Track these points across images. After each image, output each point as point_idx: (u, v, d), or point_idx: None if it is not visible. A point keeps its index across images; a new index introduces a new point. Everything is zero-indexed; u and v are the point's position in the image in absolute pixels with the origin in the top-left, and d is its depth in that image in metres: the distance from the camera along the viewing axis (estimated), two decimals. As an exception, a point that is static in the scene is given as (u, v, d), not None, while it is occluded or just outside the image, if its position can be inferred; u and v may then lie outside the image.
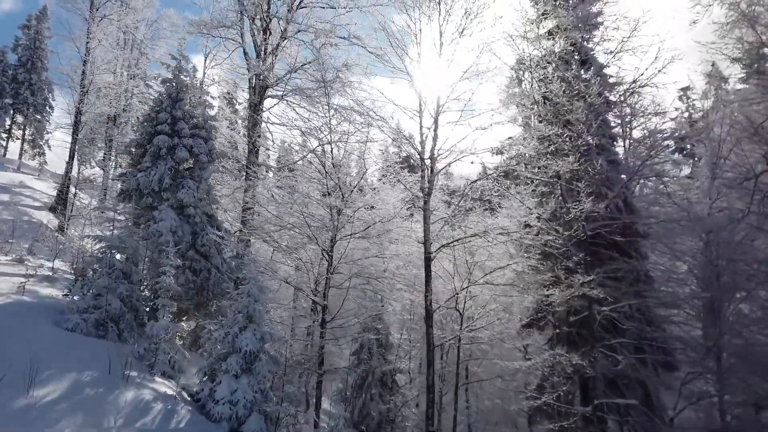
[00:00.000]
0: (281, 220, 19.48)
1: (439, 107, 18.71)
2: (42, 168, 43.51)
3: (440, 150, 18.39)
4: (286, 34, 25.05)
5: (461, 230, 18.84)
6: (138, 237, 18.37)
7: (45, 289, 18.06)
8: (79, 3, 31.77)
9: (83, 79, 31.17)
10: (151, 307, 18.38)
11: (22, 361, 11.44)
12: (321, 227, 18.87)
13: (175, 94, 21.47)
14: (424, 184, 18.51)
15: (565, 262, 16.77)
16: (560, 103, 18.05)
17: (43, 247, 24.14)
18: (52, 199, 33.75)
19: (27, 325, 13.73)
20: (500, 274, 18.98)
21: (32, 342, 12.77)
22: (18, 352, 12.04)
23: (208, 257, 20.53)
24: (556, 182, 17.99)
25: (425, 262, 18.06)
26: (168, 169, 20.52)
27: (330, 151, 19.43)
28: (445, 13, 18.84)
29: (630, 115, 20.66)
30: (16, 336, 12.88)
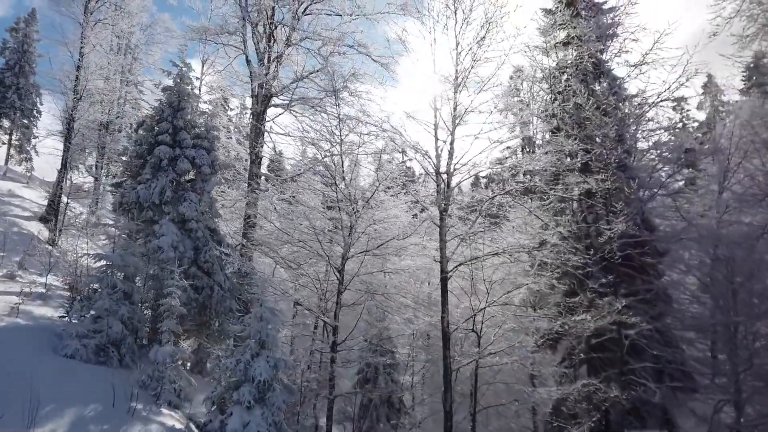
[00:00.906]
0: (290, 236, 18.60)
1: (456, 119, 17.99)
2: (31, 175, 42.22)
3: (457, 164, 17.65)
4: (290, 42, 24.22)
5: (478, 247, 18.09)
6: (138, 253, 17.40)
7: (39, 308, 17.09)
8: (74, 7, 30.73)
9: (77, 84, 30.08)
10: (151, 328, 17.49)
11: (21, 394, 10.53)
12: (330, 243, 18.05)
13: (176, 102, 20.56)
14: (440, 200, 17.74)
15: (592, 284, 16.05)
16: (586, 118, 17.38)
17: (35, 260, 23.07)
18: (42, 208, 32.57)
19: (24, 352, 12.79)
20: (517, 293, 18.26)
21: (30, 372, 11.81)
22: (16, 384, 11.11)
23: (210, 274, 19.59)
24: (579, 199, 17.29)
25: (441, 282, 17.26)
26: (169, 182, 19.60)
27: (341, 163, 18.59)
28: (462, 22, 18.14)
29: (646, 129, 20.07)
30: (13, 366, 11.95)
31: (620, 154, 18.26)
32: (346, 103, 20.67)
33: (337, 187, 18.35)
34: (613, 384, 15.16)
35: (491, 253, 17.22)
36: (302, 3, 24.16)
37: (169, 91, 21.01)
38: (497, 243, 18.21)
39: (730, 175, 20.71)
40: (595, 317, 14.58)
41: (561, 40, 20.45)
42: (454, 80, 18.17)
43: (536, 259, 17.12)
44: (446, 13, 18.44)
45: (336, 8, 24.60)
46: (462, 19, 18.20)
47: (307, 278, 19.62)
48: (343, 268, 17.63)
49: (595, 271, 16.32)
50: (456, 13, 18.38)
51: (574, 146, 16.11)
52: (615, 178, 16.06)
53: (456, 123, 17.74)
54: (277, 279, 20.55)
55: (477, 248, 18.12)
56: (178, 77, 21.14)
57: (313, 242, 18.09)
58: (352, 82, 21.47)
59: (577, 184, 16.05)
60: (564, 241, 17.15)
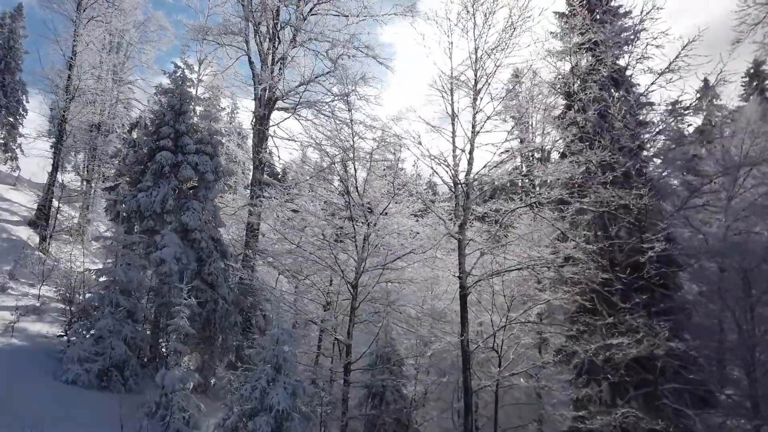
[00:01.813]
0: (299, 248, 17.66)
1: (476, 126, 17.18)
2: (18, 176, 40.83)
3: (477, 174, 16.82)
4: (296, 42, 23.29)
5: (496, 260, 17.25)
6: (138, 264, 16.41)
7: (34, 324, 16.11)
8: (66, 4, 29.56)
9: (69, 84, 28.91)
10: (153, 345, 16.54)
11: (20, 428, 9.55)
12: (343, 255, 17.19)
13: (178, 105, 19.60)
14: (459, 212, 16.90)
15: (619, 302, 15.28)
16: (612, 126, 16.64)
17: (26, 269, 21.95)
18: (31, 212, 31.36)
19: (22, 379, 11.81)
20: (536, 308, 17.47)
21: (30, 402, 10.90)
22: (15, 416, 10.11)
23: (214, 287, 18.62)
24: (603, 212, 16.52)
25: (461, 299, 16.41)
26: (171, 189, 18.63)
27: (353, 170, 17.71)
28: (482, 26, 17.32)
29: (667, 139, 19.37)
30: (11, 394, 10.95)
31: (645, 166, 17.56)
32: (355, 108, 19.71)
33: (350, 196, 17.47)
34: (644, 408, 14.38)
35: (515, 267, 16.39)
36: (308, 2, 23.25)
37: (171, 94, 20.02)
38: (516, 256, 17.39)
39: (740, 182, 20.10)
40: (633, 341, 13.79)
41: (575, 44, 19.60)
42: (473, 86, 17.37)
43: (560, 274, 16.30)
44: (465, 16, 17.67)
45: (342, 9, 23.73)
46: (482, 23, 17.42)
47: (316, 291, 18.74)
48: (357, 283, 16.73)
49: (622, 288, 15.52)
50: (475, 16, 17.58)
51: (606, 157, 15.33)
52: (652, 192, 15.30)
53: (476, 130, 16.94)
54: (286, 293, 19.43)
55: (495, 261, 17.25)
56: (180, 79, 20.18)
57: (325, 254, 17.17)
58: (361, 86, 20.58)
59: (614, 199, 15.23)
60: (588, 256, 16.36)
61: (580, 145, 17.18)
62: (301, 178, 22.93)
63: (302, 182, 22.35)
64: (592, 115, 17.87)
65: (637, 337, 13.68)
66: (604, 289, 16.19)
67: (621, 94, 19.91)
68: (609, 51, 19.43)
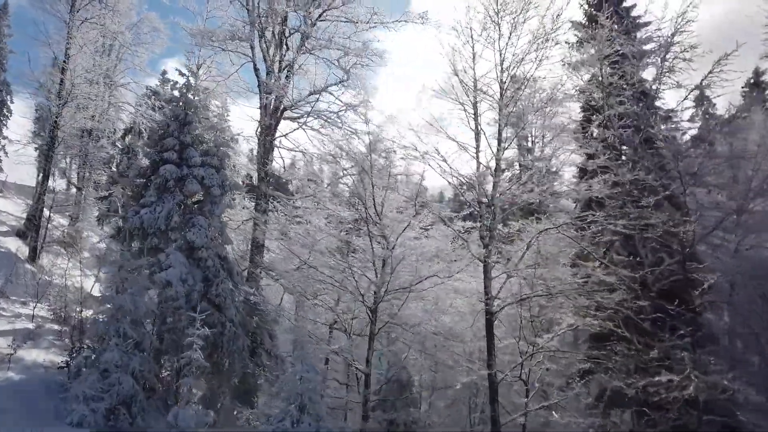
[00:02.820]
0: (315, 270, 16.71)
1: (502, 143, 16.35)
2: (5, 182, 39.25)
3: (504, 193, 15.97)
4: (307, 50, 22.32)
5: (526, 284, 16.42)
6: (143, 286, 15.31)
7: (30, 352, 14.99)
8: (58, 5, 28.27)
9: (61, 89, 27.63)
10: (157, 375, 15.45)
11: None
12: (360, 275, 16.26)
13: (182, 116, 18.51)
14: (484, 233, 16.04)
15: (656, 331, 14.47)
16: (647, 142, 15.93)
17: (17, 283, 20.72)
18: (20, 222, 30.02)
19: (25, 422, 10.74)
20: (563, 334, 16.66)
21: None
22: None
23: (221, 308, 17.53)
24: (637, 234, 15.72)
25: (486, 324, 15.60)
26: (176, 205, 17.56)
27: (371, 187, 16.75)
28: (508, 36, 16.50)
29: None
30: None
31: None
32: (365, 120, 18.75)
33: (368, 213, 16.54)
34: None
35: (546, 293, 15.55)
36: (317, 8, 22.28)
37: (175, 103, 18.96)
38: (543, 279, 16.56)
39: (751, 194, 19.46)
40: (683, 378, 12.93)
41: (600, 56, 18.79)
42: (499, 99, 16.54)
43: (593, 299, 15.47)
44: (490, 25, 16.83)
45: (352, 15, 22.78)
46: (509, 33, 16.60)
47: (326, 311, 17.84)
48: (377, 308, 15.78)
49: (661, 316, 14.72)
50: (500, 25, 16.76)
51: (649, 179, 14.57)
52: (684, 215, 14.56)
53: (504, 146, 16.13)
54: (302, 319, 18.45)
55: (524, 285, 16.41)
56: (185, 87, 19.14)
57: (341, 276, 16.23)
58: (375, 97, 19.62)
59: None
60: (620, 281, 15.56)
61: (604, 161, 16.45)
62: (308, 191, 21.99)
63: (310, 196, 21.42)
64: (628, 132, 17.14)
65: (686, 373, 12.83)
66: (638, 317, 15.42)
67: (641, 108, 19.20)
68: (636, 63, 18.72)
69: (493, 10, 16.78)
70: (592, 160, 16.02)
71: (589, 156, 17.61)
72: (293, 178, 23.17)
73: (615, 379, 14.80)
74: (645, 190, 15.39)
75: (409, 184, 20.55)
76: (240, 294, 18.85)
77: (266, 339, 19.99)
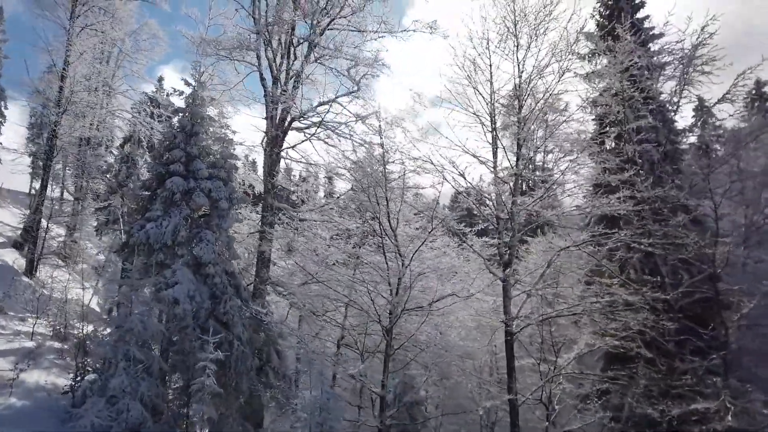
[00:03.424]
0: (325, 286, 16.16)
1: (520, 158, 15.89)
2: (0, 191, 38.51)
3: (523, 208, 15.48)
4: (312, 59, 21.82)
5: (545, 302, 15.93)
6: (150, 303, 14.70)
7: (31, 374, 14.34)
8: (58, 11, 27.69)
9: (60, 97, 26.98)
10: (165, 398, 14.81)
11: None
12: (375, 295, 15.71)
13: (189, 127, 17.95)
14: (503, 250, 15.55)
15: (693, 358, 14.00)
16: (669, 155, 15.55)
17: (15, 300, 20.03)
18: (16, 232, 29.32)
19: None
20: (584, 354, 16.17)
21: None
22: None
23: (229, 326, 16.89)
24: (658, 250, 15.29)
25: (506, 346, 15.07)
26: (183, 219, 16.98)
27: (385, 202, 16.22)
28: (527, 46, 16.06)
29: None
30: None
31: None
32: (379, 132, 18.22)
33: (382, 228, 16.00)
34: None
35: (569, 312, 15.05)
36: (325, 16, 21.80)
37: (181, 114, 18.41)
38: (563, 297, 16.10)
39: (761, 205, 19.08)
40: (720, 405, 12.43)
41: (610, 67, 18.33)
42: (517, 111, 16.09)
43: (616, 319, 15.00)
44: (507, 36, 16.40)
45: (360, 24, 22.31)
46: (526, 45, 16.17)
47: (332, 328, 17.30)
48: (392, 328, 15.22)
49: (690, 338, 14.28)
50: (518, 36, 16.32)
51: (680, 197, 14.16)
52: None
53: (524, 163, 15.64)
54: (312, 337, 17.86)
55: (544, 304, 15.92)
56: (191, 97, 18.56)
57: (356, 294, 15.68)
58: (386, 110, 19.10)
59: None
60: (644, 300, 15.10)
61: (629, 177, 16.00)
62: (316, 204, 21.46)
63: (320, 207, 20.89)
64: (649, 147, 16.75)
65: (720, 400, 12.34)
66: (663, 338, 14.98)
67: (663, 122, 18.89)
68: (657, 76, 18.38)
69: (511, 20, 16.37)
70: (614, 175, 15.53)
71: (605, 170, 17.19)
72: (300, 189, 22.55)
73: (642, 404, 14.31)
74: (666, 205, 15.00)
75: (418, 196, 20.02)
76: (247, 310, 18.28)
77: (273, 357, 19.34)
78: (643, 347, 15.82)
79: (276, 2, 22.26)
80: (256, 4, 22.80)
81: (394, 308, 15.27)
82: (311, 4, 21.97)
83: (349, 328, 18.70)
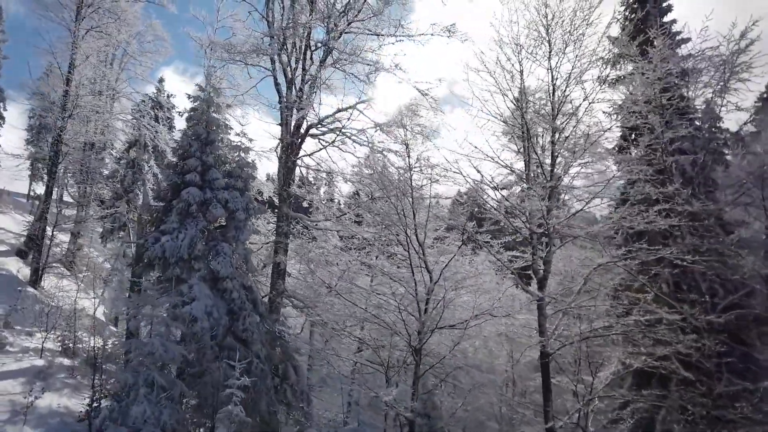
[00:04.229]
0: (352, 304, 15.45)
1: (556, 167, 15.18)
2: (1, 195, 37.68)
3: (559, 223, 14.77)
4: (328, 64, 21.10)
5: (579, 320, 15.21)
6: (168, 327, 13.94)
7: (43, 396, 13.53)
8: (63, 12, 26.88)
9: (65, 101, 26.18)
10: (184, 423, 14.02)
11: None
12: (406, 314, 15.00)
13: (205, 135, 17.22)
14: (538, 266, 14.84)
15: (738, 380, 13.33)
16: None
17: (22, 313, 19.23)
18: (19, 239, 28.52)
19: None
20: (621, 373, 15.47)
21: None
22: None
23: (248, 344, 16.18)
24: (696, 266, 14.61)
25: (542, 368, 14.36)
26: (199, 231, 16.25)
27: (412, 215, 15.53)
28: (562, 48, 15.35)
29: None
30: None
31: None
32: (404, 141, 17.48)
33: (409, 241, 15.31)
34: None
35: (607, 332, 14.33)
36: (343, 19, 21.08)
37: (195, 120, 17.67)
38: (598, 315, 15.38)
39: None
40: None
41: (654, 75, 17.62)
42: (551, 119, 15.39)
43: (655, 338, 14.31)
44: (540, 41, 15.71)
45: (377, 28, 21.59)
46: (560, 50, 15.47)
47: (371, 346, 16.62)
48: (421, 347, 14.50)
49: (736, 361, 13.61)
50: (551, 42, 15.62)
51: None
52: None
53: (558, 174, 14.93)
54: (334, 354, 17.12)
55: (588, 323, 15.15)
56: (206, 104, 17.83)
57: (385, 311, 14.98)
58: (411, 118, 18.38)
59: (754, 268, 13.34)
60: (683, 318, 14.44)
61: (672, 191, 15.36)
62: (333, 213, 20.75)
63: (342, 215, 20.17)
64: (687, 158, 16.08)
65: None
66: (704, 358, 14.30)
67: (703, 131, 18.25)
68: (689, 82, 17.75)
69: (543, 25, 15.69)
70: (653, 188, 14.83)
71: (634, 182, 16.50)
72: (316, 198, 21.81)
73: (684, 428, 13.63)
74: (706, 219, 14.36)
75: (440, 207, 19.32)
76: (265, 324, 17.57)
77: (291, 373, 18.60)
78: (682, 368, 15.17)
79: (291, 5, 21.55)
80: (270, 6, 22.13)
81: (423, 326, 14.56)
82: (328, 7, 21.28)
83: (371, 342, 18.01)
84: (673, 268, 16.02)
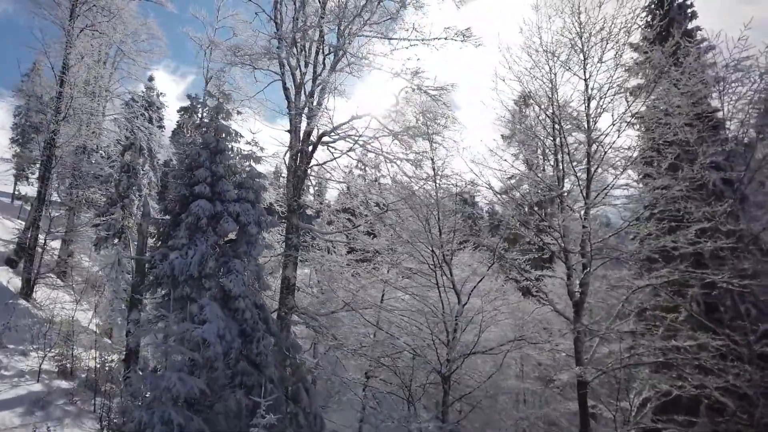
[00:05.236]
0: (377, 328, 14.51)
1: (591, 182, 14.33)
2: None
3: (599, 241, 13.93)
4: (339, 69, 20.11)
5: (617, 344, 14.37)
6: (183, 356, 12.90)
7: (42, 426, 12.46)
8: (58, 10, 25.66)
9: (59, 102, 24.94)
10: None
11: None
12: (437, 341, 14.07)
13: (214, 143, 16.18)
14: (574, 288, 13.99)
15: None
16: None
17: (16, 331, 18.05)
18: (8, 247, 27.22)
19: None
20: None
21: None
22: None
23: (260, 368, 15.18)
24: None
25: (579, 399, 13.50)
26: (210, 247, 15.22)
27: (438, 231, 14.63)
28: (596, 60, 14.55)
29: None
30: None
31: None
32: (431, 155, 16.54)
33: (436, 261, 14.41)
34: None
35: (653, 359, 13.47)
36: (356, 22, 20.09)
37: (204, 128, 16.66)
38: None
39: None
40: None
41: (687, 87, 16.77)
42: (586, 129, 14.55)
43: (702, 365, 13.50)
44: (574, 49, 14.90)
45: (389, 32, 20.62)
46: (596, 58, 14.66)
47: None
48: (450, 375, 13.59)
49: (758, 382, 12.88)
50: (584, 50, 14.81)
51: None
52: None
53: (596, 192, 14.10)
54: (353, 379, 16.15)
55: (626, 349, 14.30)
56: (215, 110, 16.82)
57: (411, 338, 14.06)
58: (431, 127, 17.43)
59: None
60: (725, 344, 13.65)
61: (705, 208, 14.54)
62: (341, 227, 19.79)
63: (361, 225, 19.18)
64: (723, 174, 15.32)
65: None
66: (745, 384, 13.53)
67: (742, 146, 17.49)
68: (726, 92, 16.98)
69: (576, 32, 14.87)
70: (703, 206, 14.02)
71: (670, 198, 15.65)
72: (330, 210, 20.83)
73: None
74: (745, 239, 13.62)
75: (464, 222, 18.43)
76: (278, 344, 16.58)
77: (303, 396, 17.59)
78: (720, 394, 14.39)
79: (302, 6, 20.55)
80: (278, 7, 21.09)
81: (450, 352, 13.65)
82: (340, 8, 20.29)
83: (388, 363, 17.06)
84: (707, 288, 15.26)
